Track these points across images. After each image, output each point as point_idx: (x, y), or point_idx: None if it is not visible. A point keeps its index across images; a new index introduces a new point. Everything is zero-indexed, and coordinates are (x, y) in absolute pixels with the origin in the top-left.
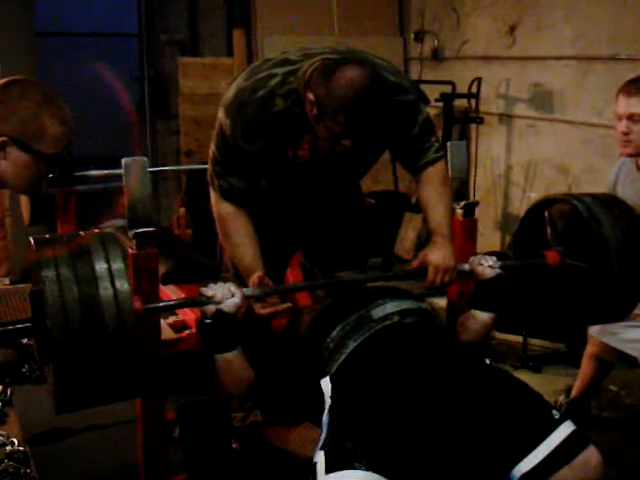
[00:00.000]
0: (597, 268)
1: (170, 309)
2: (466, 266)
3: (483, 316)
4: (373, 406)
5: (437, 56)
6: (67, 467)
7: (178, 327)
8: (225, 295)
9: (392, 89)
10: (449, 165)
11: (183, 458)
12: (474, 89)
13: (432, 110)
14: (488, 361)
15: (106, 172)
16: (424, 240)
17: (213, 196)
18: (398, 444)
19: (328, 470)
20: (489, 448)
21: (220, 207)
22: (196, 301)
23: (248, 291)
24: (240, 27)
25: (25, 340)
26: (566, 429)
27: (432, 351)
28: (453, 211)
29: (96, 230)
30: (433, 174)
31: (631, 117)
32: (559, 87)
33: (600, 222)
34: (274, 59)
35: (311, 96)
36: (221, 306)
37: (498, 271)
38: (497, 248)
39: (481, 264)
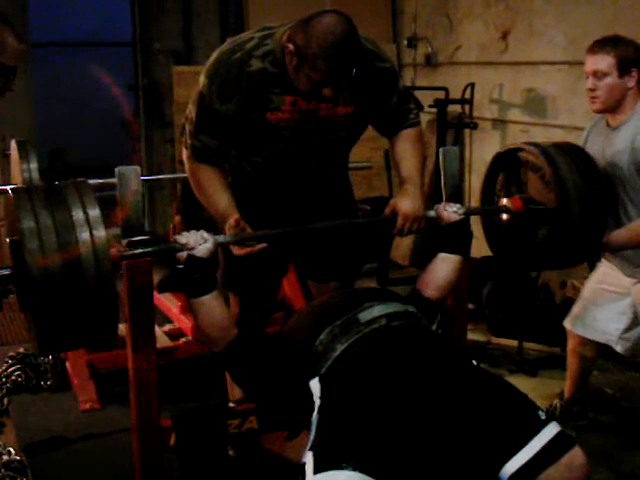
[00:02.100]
0: (558, 209)
1: (145, 256)
2: (432, 212)
3: (451, 258)
4: (361, 407)
5: (430, 62)
6: (63, 476)
7: (174, 335)
8: (198, 241)
9: (370, 56)
10: (442, 171)
11: (179, 466)
12: (467, 95)
13: (426, 116)
14: (475, 362)
15: (100, 181)
16: (419, 246)
17: (185, 154)
18: (386, 445)
19: (316, 470)
20: (477, 449)
21: (191, 163)
22: (170, 247)
23: (220, 238)
24: (234, 36)
25: (21, 349)
26: (552, 430)
27: (420, 354)
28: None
29: None
30: (410, 132)
31: (595, 74)
32: (552, 92)
33: (557, 164)
34: (257, 29)
35: (290, 46)
36: (193, 252)
37: (462, 216)
38: (492, 253)
39: (446, 209)
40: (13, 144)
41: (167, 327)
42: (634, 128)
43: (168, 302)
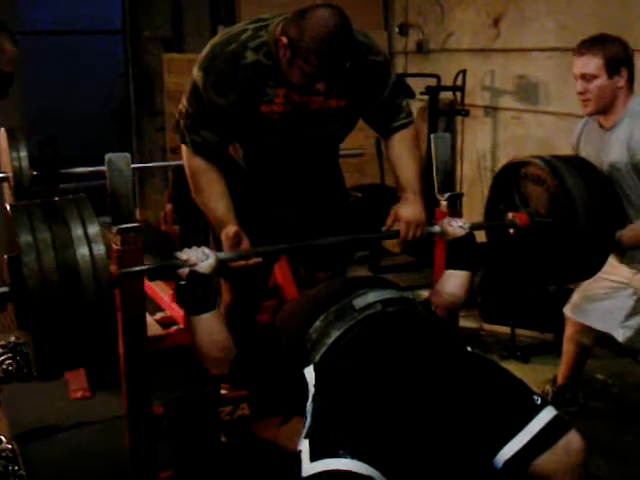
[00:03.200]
0: (564, 221)
1: (145, 273)
2: (437, 227)
3: (458, 274)
4: (357, 394)
5: (422, 49)
6: (55, 464)
7: (165, 323)
8: (200, 258)
9: (363, 49)
10: (433, 158)
11: (171, 453)
12: (459, 82)
13: (417, 103)
14: (470, 348)
15: (91, 169)
16: None
17: (185, 151)
18: (382, 432)
19: (313, 458)
20: (472, 435)
21: (191, 162)
22: (172, 264)
23: (222, 254)
24: (224, 23)
25: (12, 338)
26: (547, 414)
27: (415, 340)
28: (438, 202)
29: None
30: (406, 135)
31: (584, 77)
32: (543, 79)
33: (562, 175)
34: (249, 20)
35: (284, 39)
36: (195, 267)
37: (467, 230)
38: (482, 239)
39: (451, 225)
40: (2, 132)
41: (158, 315)
42: (628, 127)
43: (160, 290)
